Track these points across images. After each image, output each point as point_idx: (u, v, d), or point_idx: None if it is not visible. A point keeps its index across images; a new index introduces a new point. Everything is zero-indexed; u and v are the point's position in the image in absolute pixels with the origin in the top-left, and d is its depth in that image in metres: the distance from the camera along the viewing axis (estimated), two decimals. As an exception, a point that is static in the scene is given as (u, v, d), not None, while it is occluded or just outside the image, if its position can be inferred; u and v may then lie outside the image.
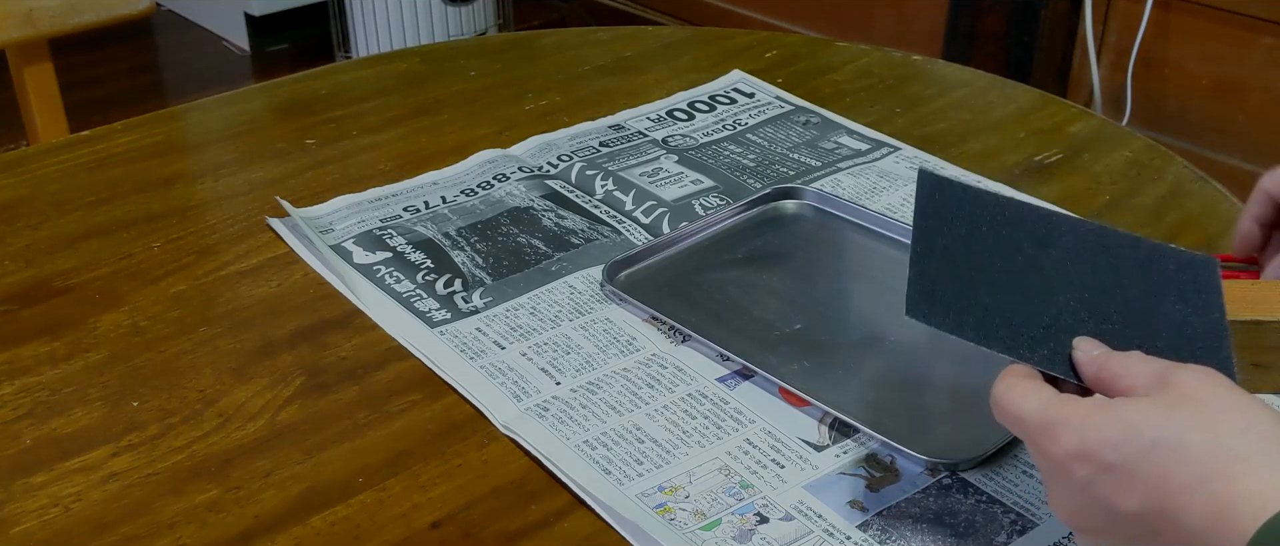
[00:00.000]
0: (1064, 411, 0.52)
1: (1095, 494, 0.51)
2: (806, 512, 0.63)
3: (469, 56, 1.15)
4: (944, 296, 0.58)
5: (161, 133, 1.01)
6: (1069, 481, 0.52)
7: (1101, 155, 0.98)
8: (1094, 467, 0.50)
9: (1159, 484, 0.49)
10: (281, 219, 0.88)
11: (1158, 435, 0.49)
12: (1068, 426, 0.51)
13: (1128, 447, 0.50)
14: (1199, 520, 0.48)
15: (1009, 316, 0.58)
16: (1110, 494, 0.50)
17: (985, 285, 0.59)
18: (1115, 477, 0.50)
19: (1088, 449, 0.50)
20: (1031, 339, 0.57)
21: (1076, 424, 0.51)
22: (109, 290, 0.81)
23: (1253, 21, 2.03)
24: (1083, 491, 0.51)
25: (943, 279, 0.59)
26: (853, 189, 0.92)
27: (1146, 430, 0.50)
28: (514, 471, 0.66)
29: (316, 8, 2.78)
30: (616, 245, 0.85)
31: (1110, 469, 0.50)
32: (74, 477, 0.65)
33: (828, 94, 1.08)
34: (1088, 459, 0.50)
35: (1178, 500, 0.48)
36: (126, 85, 2.77)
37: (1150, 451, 0.49)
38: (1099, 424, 0.51)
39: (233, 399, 0.71)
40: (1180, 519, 0.48)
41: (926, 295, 0.58)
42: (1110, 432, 0.50)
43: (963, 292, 0.58)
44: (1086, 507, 0.52)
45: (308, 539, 0.62)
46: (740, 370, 0.73)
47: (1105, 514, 0.51)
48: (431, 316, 0.78)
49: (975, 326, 0.57)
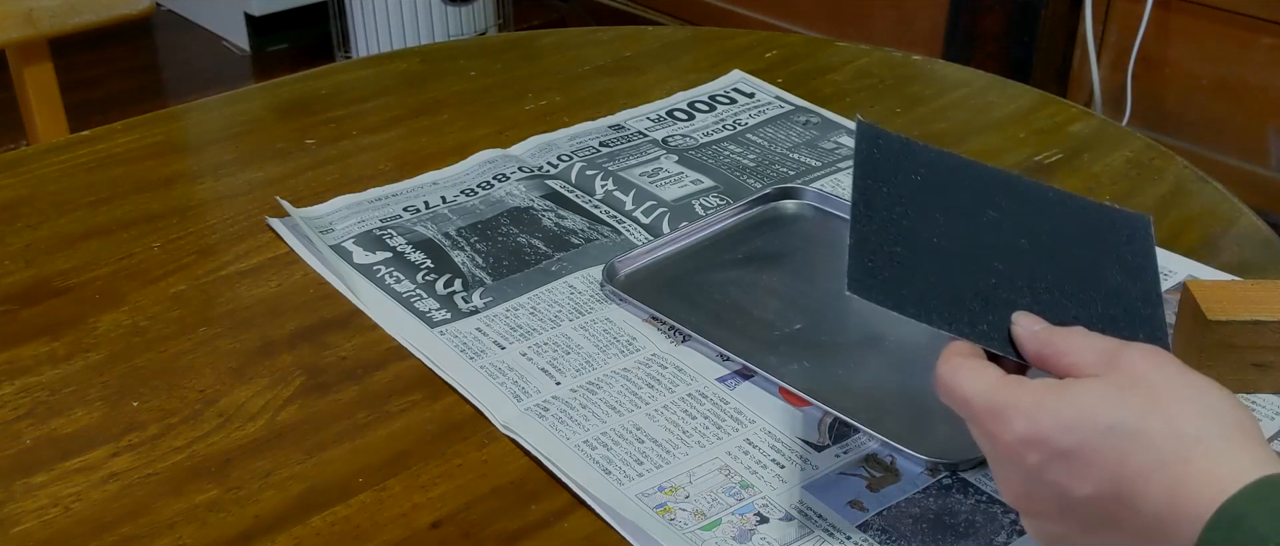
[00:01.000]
0: (1013, 395, 0.51)
1: (1047, 479, 0.50)
2: (806, 512, 0.63)
3: (469, 56, 1.15)
4: (885, 268, 0.56)
5: (161, 133, 1.01)
6: (1020, 466, 0.51)
7: (1101, 155, 0.98)
8: (1047, 453, 0.49)
9: (1116, 469, 0.48)
10: (281, 219, 0.88)
11: (1114, 419, 0.48)
12: (1018, 411, 0.50)
13: (1082, 432, 0.49)
14: (1156, 505, 0.47)
15: (948, 287, 0.56)
16: (1063, 479, 0.49)
17: (924, 251, 0.57)
18: (1069, 463, 0.49)
19: (1041, 434, 0.49)
20: (971, 313, 0.56)
21: (1027, 408, 0.50)
22: (109, 290, 0.81)
23: (1253, 21, 2.03)
24: (1034, 477, 0.50)
25: (883, 247, 0.57)
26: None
27: (1101, 414, 0.49)
28: (514, 471, 0.66)
29: (316, 8, 2.78)
30: (616, 245, 0.85)
31: (1064, 454, 0.49)
32: (74, 477, 0.66)
33: (828, 94, 1.08)
34: (1040, 445, 0.49)
35: (1135, 485, 0.48)
36: (126, 85, 2.77)
37: (1106, 436, 0.48)
38: (1051, 408, 0.50)
39: (233, 399, 0.71)
40: (1137, 504, 0.48)
41: (867, 269, 0.56)
42: (1064, 417, 0.49)
43: (902, 261, 0.57)
44: (1037, 493, 0.51)
45: (308, 539, 0.62)
46: (740, 370, 0.73)
47: (1057, 499, 0.50)
48: (431, 316, 0.78)
49: (916, 301, 0.56)
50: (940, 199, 0.60)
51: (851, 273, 0.56)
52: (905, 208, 0.59)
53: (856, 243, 0.57)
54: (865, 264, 0.56)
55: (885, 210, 0.58)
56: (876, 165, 0.60)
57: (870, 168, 0.60)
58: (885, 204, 0.59)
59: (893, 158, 0.61)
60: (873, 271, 0.56)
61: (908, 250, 0.57)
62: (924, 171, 0.61)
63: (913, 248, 0.57)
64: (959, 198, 0.60)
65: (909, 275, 0.56)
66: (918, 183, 0.60)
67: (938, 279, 0.57)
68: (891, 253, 0.57)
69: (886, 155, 0.61)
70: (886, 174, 0.60)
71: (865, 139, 0.61)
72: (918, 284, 0.56)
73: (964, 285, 0.57)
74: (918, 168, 0.61)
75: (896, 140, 0.61)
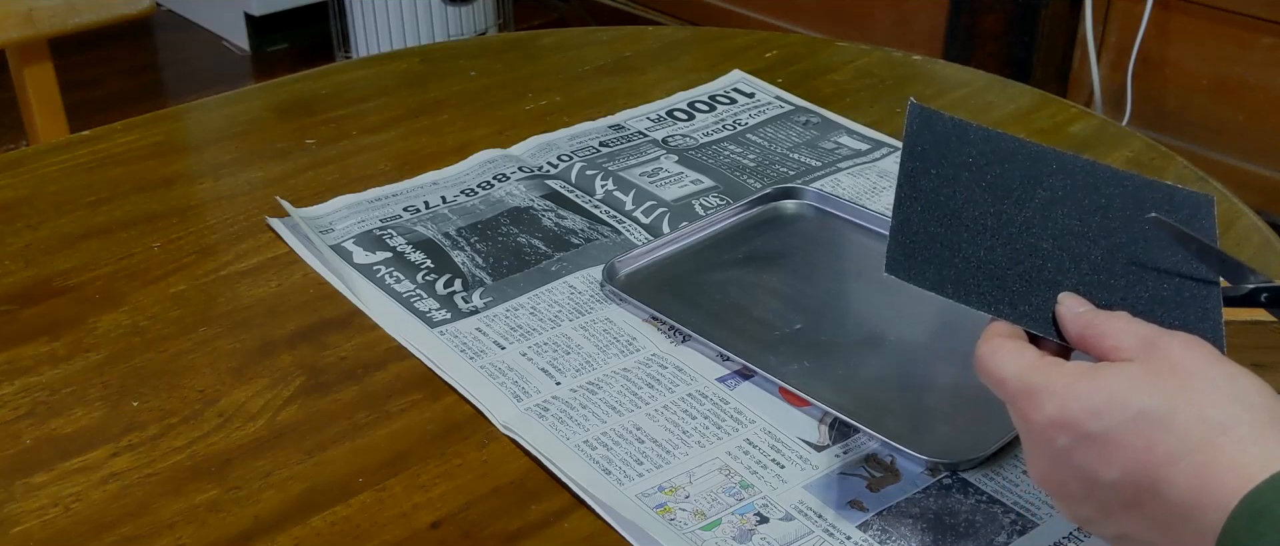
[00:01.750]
0: (1047, 377, 0.51)
1: (1075, 462, 0.50)
2: (806, 512, 0.63)
3: (469, 56, 1.15)
4: (925, 249, 0.56)
5: (161, 133, 1.01)
6: (1049, 448, 0.51)
7: (1102, 155, 0.98)
8: (1075, 436, 0.50)
9: (1143, 454, 0.48)
10: (281, 219, 0.88)
11: (1143, 405, 0.49)
12: (1050, 393, 0.51)
13: (1111, 417, 0.49)
14: (1182, 492, 0.47)
15: (991, 268, 0.56)
16: (1091, 463, 0.49)
17: (967, 232, 0.57)
18: (1097, 447, 0.49)
19: (1070, 417, 0.50)
20: (1013, 294, 0.56)
21: (1059, 391, 0.50)
22: (109, 290, 0.81)
23: (1253, 21, 2.03)
24: (1062, 459, 0.50)
25: (925, 228, 0.57)
26: (853, 189, 0.92)
27: (1132, 400, 0.49)
28: (514, 471, 0.66)
29: (316, 8, 2.78)
30: (616, 245, 0.85)
31: (1092, 438, 0.49)
32: (74, 477, 0.65)
33: (828, 94, 1.08)
34: (1069, 427, 0.50)
35: (1161, 471, 0.48)
36: (126, 85, 2.77)
37: (1135, 421, 0.48)
38: (1082, 392, 0.50)
39: (233, 399, 0.71)
40: (1163, 490, 0.48)
41: (907, 250, 0.56)
42: (1093, 401, 0.49)
43: (945, 242, 0.57)
44: (1065, 475, 0.51)
45: (308, 539, 0.62)
46: (740, 370, 0.73)
47: (1084, 482, 0.50)
48: (431, 316, 0.78)
49: (956, 281, 0.56)
50: (989, 179, 0.59)
51: (891, 254, 0.56)
52: (952, 189, 0.59)
53: (898, 225, 0.57)
54: (906, 246, 0.56)
55: (930, 192, 0.58)
56: (926, 147, 0.60)
57: (919, 150, 0.60)
58: (931, 186, 0.59)
59: (944, 139, 0.60)
60: (913, 253, 0.56)
61: (950, 231, 0.57)
62: (975, 152, 0.60)
63: (956, 228, 0.58)
64: (1009, 177, 0.60)
65: (950, 256, 0.56)
66: (968, 163, 0.60)
67: (980, 259, 0.57)
68: (933, 234, 0.57)
69: (937, 136, 0.60)
70: (935, 156, 0.60)
71: (916, 120, 0.61)
72: (958, 265, 0.56)
73: (1007, 266, 0.57)
74: (969, 148, 0.61)
75: (949, 121, 0.61)
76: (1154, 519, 0.49)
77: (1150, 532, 0.49)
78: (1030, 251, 0.57)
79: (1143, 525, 0.49)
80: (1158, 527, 0.49)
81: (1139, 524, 0.50)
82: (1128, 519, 0.50)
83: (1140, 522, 0.49)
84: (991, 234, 0.58)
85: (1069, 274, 0.57)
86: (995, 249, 0.57)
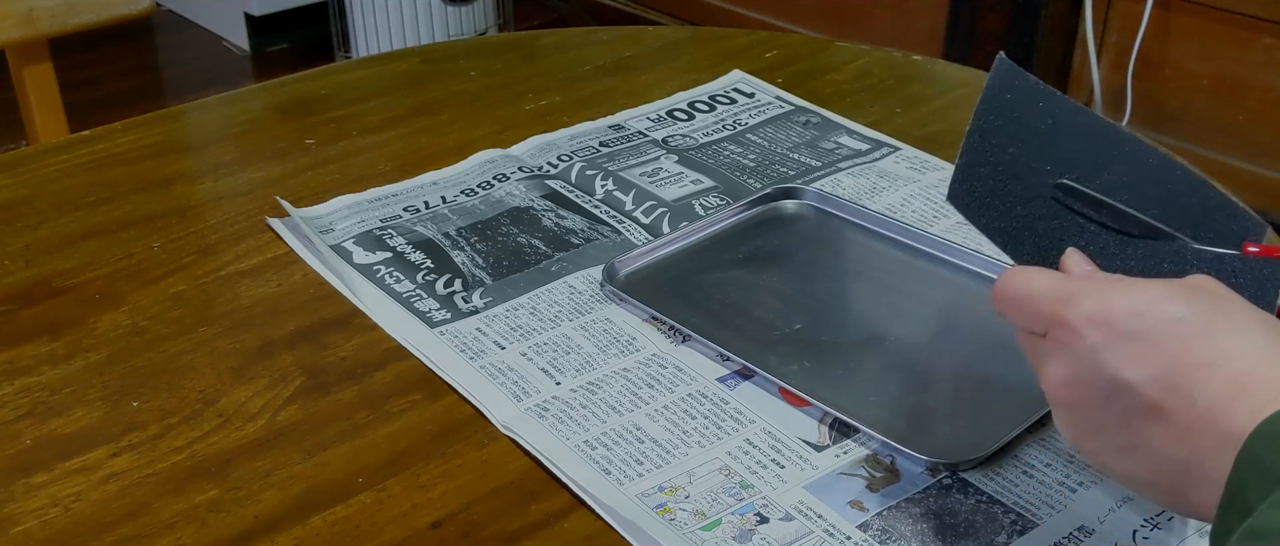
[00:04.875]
0: (1084, 284, 0.52)
1: (1102, 360, 0.50)
2: (806, 512, 0.63)
3: (469, 56, 1.16)
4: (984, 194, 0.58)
5: (161, 133, 1.01)
6: (1074, 348, 0.51)
7: (1101, 155, 0.98)
8: (1109, 334, 0.50)
9: (1178, 355, 0.48)
10: (281, 219, 0.88)
11: (1182, 313, 0.49)
12: (1087, 294, 0.51)
13: (1150, 318, 0.49)
14: (1213, 396, 0.47)
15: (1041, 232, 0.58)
16: (1118, 361, 0.49)
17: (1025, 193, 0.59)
18: (1130, 346, 0.49)
19: (1108, 314, 0.50)
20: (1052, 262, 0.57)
21: (1098, 292, 0.51)
22: (109, 290, 0.81)
23: (1253, 21, 2.03)
24: (1087, 358, 0.50)
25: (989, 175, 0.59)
26: (853, 189, 0.92)
27: (1171, 307, 0.49)
28: (514, 471, 0.66)
29: (316, 8, 2.78)
30: (616, 245, 0.85)
31: (1127, 336, 0.49)
32: (74, 477, 0.65)
33: (828, 94, 1.08)
34: (1105, 325, 0.50)
35: (1195, 374, 0.48)
36: (126, 85, 2.77)
37: (1174, 324, 0.49)
38: (1122, 291, 0.50)
39: (233, 399, 0.71)
40: (1191, 392, 0.48)
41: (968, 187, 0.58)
42: (1134, 302, 0.50)
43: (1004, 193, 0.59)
44: (1085, 377, 0.51)
45: (308, 539, 0.62)
46: (740, 370, 0.73)
47: (1107, 384, 0.50)
48: (431, 316, 0.78)
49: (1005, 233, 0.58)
50: (1058, 152, 0.60)
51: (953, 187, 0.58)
52: (1021, 147, 0.60)
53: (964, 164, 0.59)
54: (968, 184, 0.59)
55: (999, 145, 0.60)
56: (1005, 104, 0.61)
57: (998, 104, 0.61)
58: (1000, 139, 0.60)
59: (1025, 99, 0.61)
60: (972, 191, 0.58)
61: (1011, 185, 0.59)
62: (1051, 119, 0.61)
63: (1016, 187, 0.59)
64: (1079, 155, 0.60)
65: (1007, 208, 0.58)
66: (1042, 130, 0.61)
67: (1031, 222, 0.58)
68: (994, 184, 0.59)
69: (1018, 95, 0.61)
70: (1012, 113, 0.60)
71: (1002, 76, 0.61)
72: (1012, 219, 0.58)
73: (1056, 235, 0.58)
74: (1046, 115, 0.61)
75: (1033, 83, 0.62)
76: (1174, 425, 0.48)
77: (1167, 443, 0.49)
78: (1079, 230, 0.58)
79: (1160, 434, 0.49)
80: (1176, 436, 0.48)
81: (1156, 433, 0.49)
82: (1145, 429, 0.49)
83: (1158, 431, 0.49)
84: (1047, 202, 0.59)
85: (1113, 260, 0.58)
86: (1048, 218, 0.58)
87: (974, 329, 0.78)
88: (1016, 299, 0.54)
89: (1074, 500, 0.64)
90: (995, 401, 0.71)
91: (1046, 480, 0.65)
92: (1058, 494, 0.64)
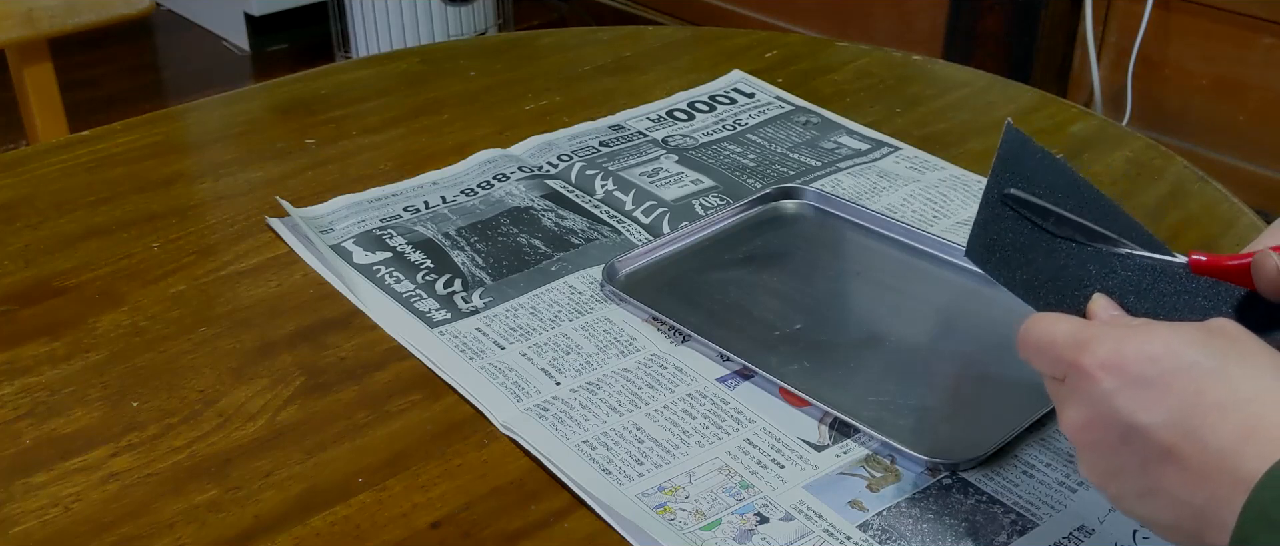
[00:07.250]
0: (1101, 329, 0.53)
1: (1114, 405, 0.50)
2: (806, 512, 0.63)
3: (469, 56, 1.15)
4: (1001, 249, 0.61)
5: (161, 133, 1.01)
6: (1090, 392, 0.51)
7: (1102, 155, 0.98)
8: (1124, 379, 0.50)
9: (1192, 399, 0.48)
10: (281, 219, 0.88)
11: (1197, 357, 0.49)
12: (1103, 340, 0.52)
13: (1164, 363, 0.50)
14: (1227, 439, 0.47)
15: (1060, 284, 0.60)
16: (1133, 405, 0.50)
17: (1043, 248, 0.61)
18: (1143, 391, 0.50)
19: (1122, 360, 0.50)
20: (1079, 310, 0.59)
21: (1113, 338, 0.52)
22: (109, 290, 0.80)
23: (1253, 21, 2.03)
24: (1103, 402, 0.51)
25: (1005, 232, 0.61)
26: (853, 189, 0.92)
27: (1186, 352, 0.50)
28: (514, 471, 0.66)
29: (316, 8, 2.78)
30: (616, 245, 0.85)
31: (1141, 381, 0.50)
32: (74, 477, 0.65)
33: (828, 94, 1.08)
34: (1119, 370, 0.50)
35: (1208, 417, 0.48)
36: (126, 85, 2.77)
37: (1187, 370, 0.49)
38: (1139, 338, 0.51)
39: (233, 399, 0.71)
40: (1205, 436, 0.48)
41: (986, 243, 0.61)
42: (1149, 348, 0.50)
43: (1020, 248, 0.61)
44: (1102, 420, 0.51)
45: (308, 539, 0.62)
46: (740, 370, 0.73)
47: (1121, 427, 0.50)
48: (431, 316, 0.78)
49: (1025, 284, 0.60)
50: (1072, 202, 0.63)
51: (971, 242, 0.61)
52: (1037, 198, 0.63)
53: (982, 221, 0.61)
54: (986, 240, 0.61)
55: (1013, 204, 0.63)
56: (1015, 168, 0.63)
57: (1009, 167, 0.63)
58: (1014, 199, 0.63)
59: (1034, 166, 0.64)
60: (990, 246, 0.61)
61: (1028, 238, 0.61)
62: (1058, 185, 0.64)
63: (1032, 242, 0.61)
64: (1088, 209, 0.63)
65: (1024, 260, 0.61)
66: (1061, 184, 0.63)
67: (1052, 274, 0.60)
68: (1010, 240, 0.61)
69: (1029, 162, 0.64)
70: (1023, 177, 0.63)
71: (1012, 144, 0.64)
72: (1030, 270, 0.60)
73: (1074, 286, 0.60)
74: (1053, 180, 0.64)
75: (1039, 152, 0.64)
76: (1188, 469, 0.48)
77: (1183, 487, 0.49)
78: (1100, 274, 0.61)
79: (1176, 478, 0.49)
80: (1191, 480, 0.48)
81: (1171, 477, 0.49)
82: (1161, 473, 0.49)
83: (1173, 475, 0.49)
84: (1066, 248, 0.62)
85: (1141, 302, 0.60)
86: (1068, 265, 0.61)
87: (974, 329, 0.78)
88: (1037, 345, 0.55)
89: (1074, 500, 0.64)
90: (995, 401, 0.71)
91: (1046, 480, 0.65)
92: (1058, 494, 0.64)
